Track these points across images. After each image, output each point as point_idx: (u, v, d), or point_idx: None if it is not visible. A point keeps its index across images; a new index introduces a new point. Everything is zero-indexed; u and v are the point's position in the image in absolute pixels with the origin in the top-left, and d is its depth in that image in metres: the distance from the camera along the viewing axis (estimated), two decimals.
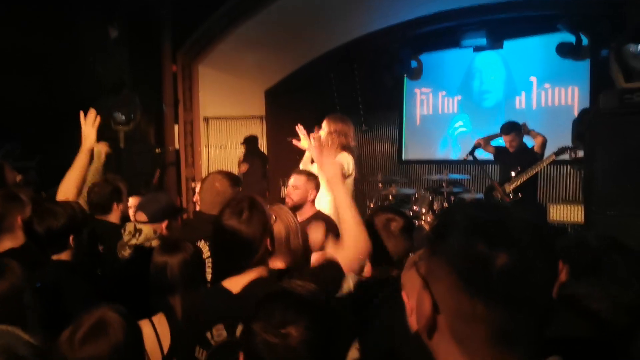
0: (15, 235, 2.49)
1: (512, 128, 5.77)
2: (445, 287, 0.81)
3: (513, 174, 5.46)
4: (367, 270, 2.09)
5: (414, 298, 0.89)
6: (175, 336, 1.99)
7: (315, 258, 2.20)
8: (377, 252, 2.02)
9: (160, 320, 2.06)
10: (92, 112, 3.15)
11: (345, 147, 4.24)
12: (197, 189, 3.83)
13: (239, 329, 1.70)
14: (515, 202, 5.33)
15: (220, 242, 1.91)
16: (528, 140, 5.90)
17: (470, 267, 0.77)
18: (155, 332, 2.02)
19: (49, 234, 2.37)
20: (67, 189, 3.02)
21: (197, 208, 3.43)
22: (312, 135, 3.76)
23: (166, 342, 2.00)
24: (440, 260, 0.82)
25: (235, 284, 1.82)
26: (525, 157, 5.56)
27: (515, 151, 5.70)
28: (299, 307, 1.19)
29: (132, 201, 4.07)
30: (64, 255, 2.40)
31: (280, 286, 1.32)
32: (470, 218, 0.83)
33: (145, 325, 1.96)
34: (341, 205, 2.05)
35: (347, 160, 4.15)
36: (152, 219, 3.17)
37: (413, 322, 0.90)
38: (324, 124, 4.31)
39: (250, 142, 8.41)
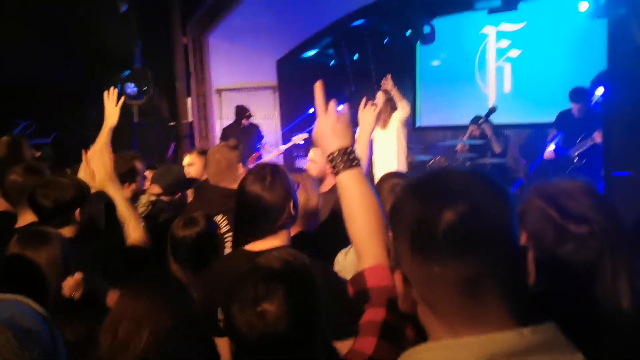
0: None
1: (580, 96, 5.47)
2: (407, 260, 0.82)
3: (579, 140, 5.28)
4: None
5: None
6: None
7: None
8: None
9: None
10: (113, 92, 3.06)
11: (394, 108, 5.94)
12: (185, 162, 3.81)
13: None
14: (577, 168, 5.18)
15: (242, 207, 1.92)
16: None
17: (418, 233, 0.79)
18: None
19: (57, 207, 2.23)
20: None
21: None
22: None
23: None
24: (399, 236, 0.84)
25: (257, 247, 1.83)
26: (592, 124, 5.29)
27: (582, 117, 5.45)
28: (269, 281, 1.19)
29: (147, 174, 4.09)
30: (66, 231, 2.21)
31: (252, 263, 1.29)
32: (410, 188, 0.85)
33: None
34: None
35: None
36: (166, 191, 3.25)
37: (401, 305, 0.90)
38: (380, 96, 6.00)
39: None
